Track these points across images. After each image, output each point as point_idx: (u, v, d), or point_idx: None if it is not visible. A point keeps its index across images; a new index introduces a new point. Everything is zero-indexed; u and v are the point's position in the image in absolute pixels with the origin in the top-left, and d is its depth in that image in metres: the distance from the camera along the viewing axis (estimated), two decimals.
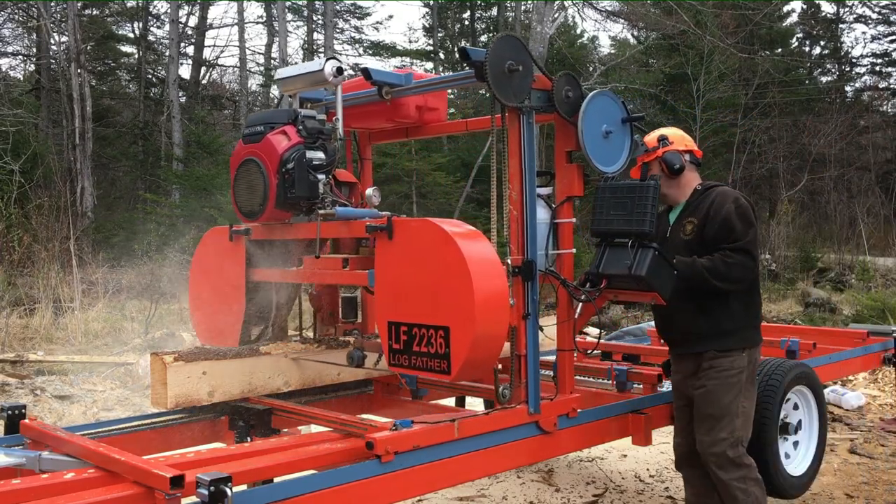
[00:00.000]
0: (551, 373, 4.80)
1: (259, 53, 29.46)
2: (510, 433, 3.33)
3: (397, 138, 4.52)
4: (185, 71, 26.86)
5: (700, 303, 3.67)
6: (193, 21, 27.16)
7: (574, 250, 3.64)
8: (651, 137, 3.91)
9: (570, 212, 3.63)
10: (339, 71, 3.57)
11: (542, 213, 3.58)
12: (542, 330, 3.50)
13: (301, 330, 4.27)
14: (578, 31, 27.85)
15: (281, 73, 3.83)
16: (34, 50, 25.65)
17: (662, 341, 4.25)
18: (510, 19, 26.30)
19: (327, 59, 3.59)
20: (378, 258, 3.26)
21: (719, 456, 3.59)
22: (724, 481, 3.59)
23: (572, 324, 3.59)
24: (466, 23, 29.47)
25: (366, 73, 3.66)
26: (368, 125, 4.34)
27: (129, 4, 27.14)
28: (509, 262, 3.29)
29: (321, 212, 3.46)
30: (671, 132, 3.93)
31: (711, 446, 3.61)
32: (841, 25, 32.00)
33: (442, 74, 4.16)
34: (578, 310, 3.59)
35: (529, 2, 19.41)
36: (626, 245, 3.46)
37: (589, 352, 3.89)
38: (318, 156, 3.55)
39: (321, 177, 3.52)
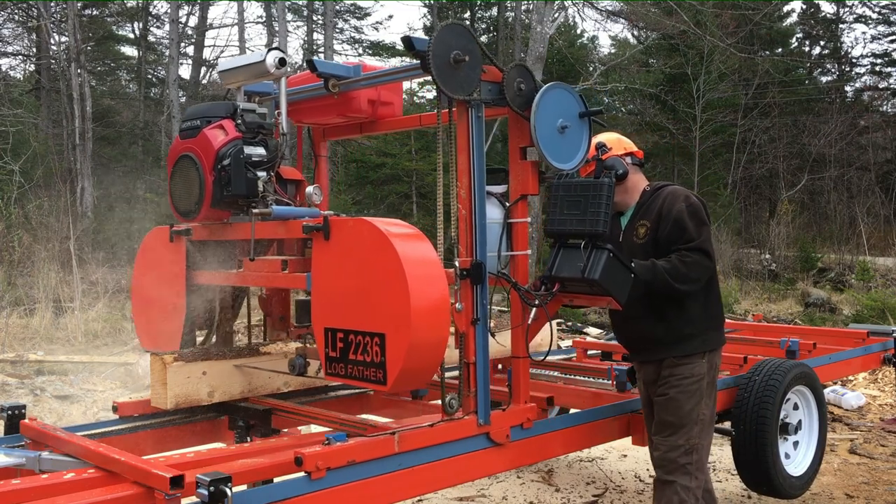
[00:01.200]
0: (555, 373, 4.87)
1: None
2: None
3: (351, 134, 4.31)
4: (185, 71, 26.88)
5: (656, 307, 3.54)
6: (193, 21, 27.17)
7: (529, 252, 3.45)
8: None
9: (525, 211, 3.45)
10: (282, 62, 3.37)
11: (496, 213, 3.42)
12: (493, 336, 3.34)
13: (249, 335, 4.05)
14: (578, 31, 27.81)
15: (223, 64, 3.64)
16: (34, 50, 25.64)
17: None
18: (510, 19, 26.29)
19: (269, 50, 3.39)
20: (315, 260, 3.08)
21: (671, 461, 3.48)
22: (668, 481, 3.47)
23: (525, 329, 3.40)
24: (467, 22, 29.46)
25: (311, 64, 3.49)
26: (321, 120, 4.14)
27: (129, 4, 27.12)
28: (457, 263, 3.13)
29: (255, 211, 3.25)
30: (608, 137, 3.76)
31: (667, 452, 3.50)
32: (841, 25, 32.01)
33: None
34: (532, 314, 3.37)
35: (529, 2, 19.41)
36: (580, 247, 3.30)
37: (541, 359, 3.69)
38: (257, 152, 3.36)
39: (261, 174, 3.33)
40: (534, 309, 3.34)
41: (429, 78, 3.06)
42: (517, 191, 3.42)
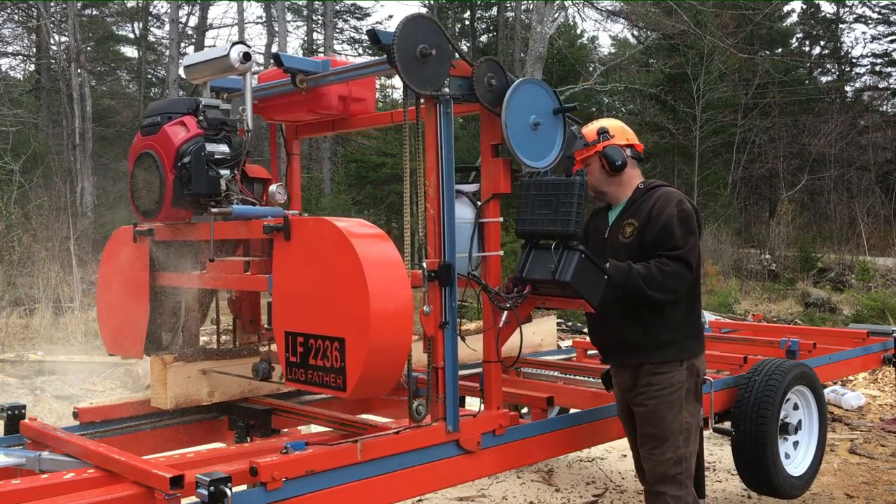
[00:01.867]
0: (555, 373, 4.86)
1: (259, 53, 29.43)
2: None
3: (323, 132, 4.19)
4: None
5: (634, 310, 3.40)
6: (193, 21, 27.20)
7: (501, 252, 3.32)
8: (590, 129, 3.60)
9: (497, 210, 3.32)
10: (247, 57, 3.26)
11: (467, 212, 3.31)
12: (463, 340, 3.25)
13: (218, 338, 3.94)
14: (578, 31, 27.79)
15: (187, 59, 3.51)
16: (34, 50, 25.66)
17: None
18: (510, 19, 26.30)
19: (233, 44, 3.26)
20: (275, 261, 2.98)
21: (660, 474, 3.43)
22: (658, 492, 3.44)
23: (496, 333, 3.27)
24: (467, 23, 29.46)
25: (277, 59, 3.38)
26: (291, 117, 4.00)
27: (129, 4, 27.15)
28: (425, 265, 3.02)
29: (214, 210, 3.12)
30: (612, 124, 3.62)
31: (655, 465, 3.43)
32: (841, 25, 32.03)
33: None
34: (503, 318, 3.26)
35: (529, 2, 19.41)
36: (551, 248, 3.19)
37: (510, 366, 3.48)
38: (220, 149, 3.24)
39: (224, 172, 3.21)
40: (505, 312, 3.23)
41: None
42: (489, 190, 3.31)
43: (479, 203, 3.34)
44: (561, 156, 3.33)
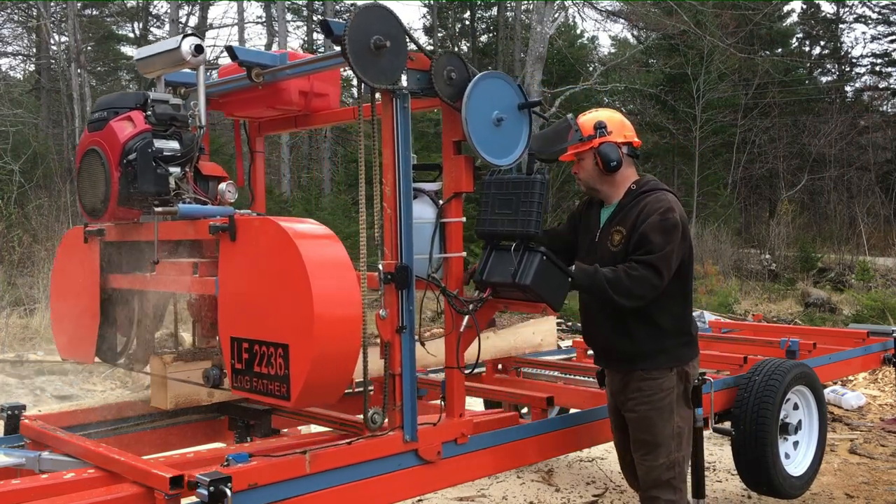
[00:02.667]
0: (555, 373, 4.87)
1: None
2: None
3: (286, 129, 4.02)
4: None
5: (621, 320, 3.32)
6: (193, 21, 27.15)
7: (464, 254, 3.19)
8: (587, 121, 3.42)
9: (460, 210, 3.17)
10: (199, 49, 3.11)
11: (428, 212, 3.18)
12: (422, 345, 3.14)
13: (176, 343, 3.81)
14: (578, 31, 27.84)
15: (139, 52, 3.34)
16: (34, 50, 25.64)
17: None
18: (510, 19, 26.30)
19: (184, 36, 3.11)
20: (221, 263, 2.84)
21: (654, 479, 3.39)
22: (653, 497, 3.41)
23: (457, 337, 3.13)
24: (467, 22, 29.47)
25: (231, 51, 3.23)
26: (252, 113, 3.85)
27: (129, 4, 27.13)
28: (381, 267, 2.90)
29: (158, 210, 2.98)
30: (610, 118, 3.43)
31: (649, 472, 3.38)
32: (841, 25, 32.04)
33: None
34: (465, 321, 3.11)
35: (529, 2, 19.41)
36: (511, 249, 3.06)
37: (469, 371, 3.27)
38: (169, 146, 3.09)
39: (174, 169, 3.06)
40: (466, 316, 3.10)
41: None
42: (451, 188, 3.16)
43: (440, 202, 3.21)
44: (525, 152, 3.20)
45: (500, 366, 4.95)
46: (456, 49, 29.62)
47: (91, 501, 2.43)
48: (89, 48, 23.91)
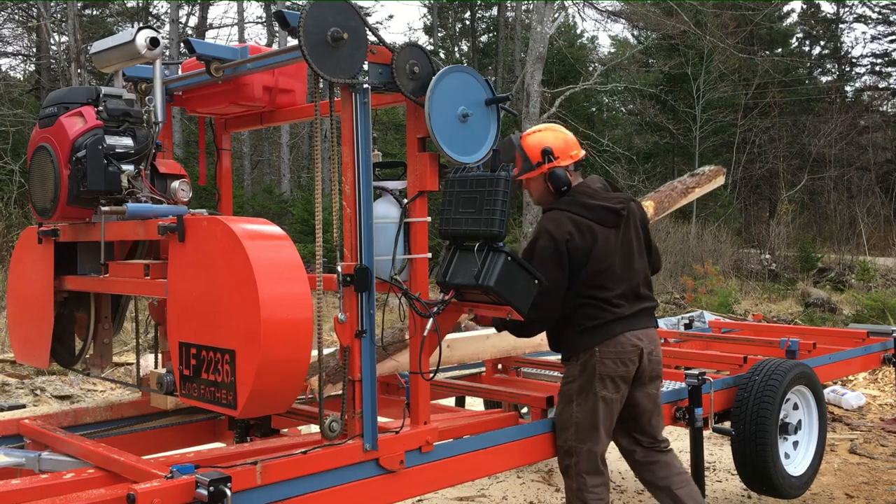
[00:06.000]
0: (555, 373, 4.86)
1: None
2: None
3: (252, 125, 3.88)
4: None
5: None
6: (193, 21, 27.17)
7: (429, 255, 3.08)
8: (532, 147, 3.43)
9: (425, 209, 3.07)
10: (154, 42, 2.99)
11: (392, 211, 3.07)
12: (384, 350, 3.07)
13: (137, 347, 3.73)
14: (578, 31, 27.85)
15: (95, 46, 3.22)
16: (34, 50, 25.64)
17: None
18: (510, 19, 26.31)
19: (139, 29, 3.00)
20: (170, 264, 2.75)
21: (559, 460, 3.52)
22: (566, 484, 3.51)
23: (420, 342, 3.04)
24: (467, 22, 29.49)
25: (188, 45, 3.12)
26: (215, 110, 3.70)
27: (129, 4, 27.15)
28: (339, 268, 2.79)
29: (105, 209, 2.86)
30: (555, 142, 3.43)
31: (557, 452, 3.53)
32: (841, 25, 32.04)
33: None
34: (429, 325, 3.01)
35: (529, 2, 19.42)
36: (474, 250, 2.98)
37: (429, 378, 3.12)
38: (122, 142, 2.96)
39: (127, 167, 2.92)
40: (430, 319, 2.99)
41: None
42: (415, 187, 3.06)
43: (404, 201, 3.11)
44: (493, 150, 3.11)
45: (500, 366, 4.94)
46: (456, 49, 29.68)
47: (91, 501, 2.43)
48: (89, 48, 23.92)
